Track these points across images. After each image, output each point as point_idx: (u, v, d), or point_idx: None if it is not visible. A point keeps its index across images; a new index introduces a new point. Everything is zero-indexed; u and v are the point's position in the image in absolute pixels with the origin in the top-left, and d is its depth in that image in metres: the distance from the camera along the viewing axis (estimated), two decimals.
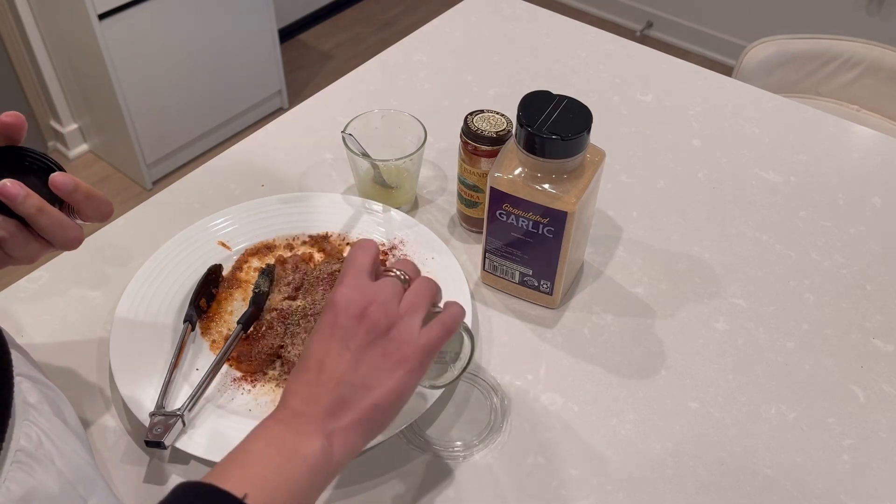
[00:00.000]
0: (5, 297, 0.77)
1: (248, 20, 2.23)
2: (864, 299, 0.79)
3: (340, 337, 0.50)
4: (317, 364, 0.50)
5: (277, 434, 0.48)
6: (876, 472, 0.66)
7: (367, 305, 0.51)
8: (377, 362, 0.50)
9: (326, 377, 0.49)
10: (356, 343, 0.50)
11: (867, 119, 1.45)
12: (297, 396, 0.50)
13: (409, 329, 0.51)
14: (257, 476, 0.45)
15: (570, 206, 0.68)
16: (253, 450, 0.48)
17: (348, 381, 0.49)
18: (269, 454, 0.47)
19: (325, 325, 0.51)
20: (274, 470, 0.46)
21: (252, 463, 0.46)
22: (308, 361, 0.51)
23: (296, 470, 0.46)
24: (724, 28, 2.67)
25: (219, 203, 0.87)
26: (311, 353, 0.51)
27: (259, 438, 0.48)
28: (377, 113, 0.87)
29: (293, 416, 0.49)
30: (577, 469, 0.65)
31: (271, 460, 0.46)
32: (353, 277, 0.53)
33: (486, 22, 1.18)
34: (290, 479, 0.46)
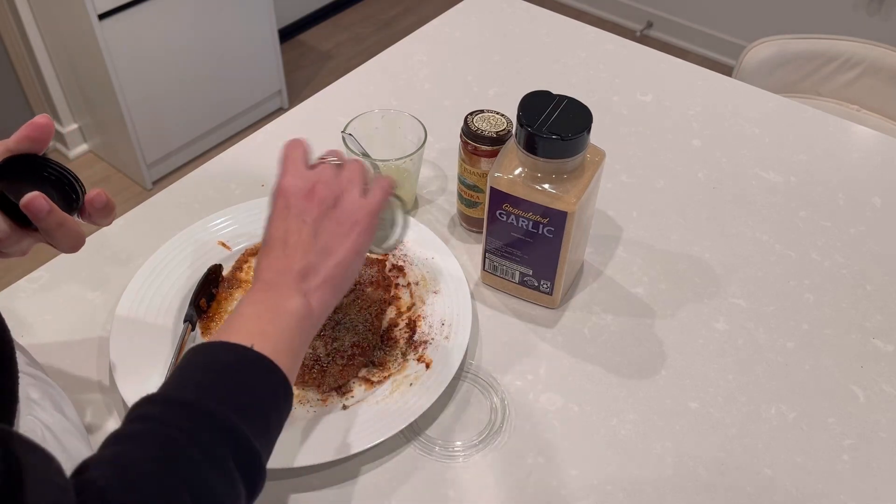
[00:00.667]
0: (5, 297, 0.77)
1: (248, 20, 2.23)
2: (864, 299, 0.79)
3: (296, 215, 0.57)
4: (280, 242, 0.57)
5: (262, 299, 0.54)
6: (876, 472, 0.66)
7: (313, 185, 0.58)
8: (333, 229, 0.57)
9: (292, 250, 0.56)
10: (311, 217, 0.57)
11: (867, 119, 1.45)
12: (269, 271, 0.56)
13: (353, 198, 0.59)
14: (255, 329, 0.52)
15: (570, 206, 0.68)
16: (245, 313, 0.54)
17: (312, 248, 0.56)
18: (260, 313, 0.53)
19: (280, 209, 0.58)
20: (268, 323, 0.53)
21: (246, 323, 0.53)
22: (272, 241, 0.57)
23: (286, 322, 0.53)
24: (724, 28, 2.67)
25: (219, 203, 0.87)
26: (273, 234, 0.57)
27: (247, 305, 0.54)
28: (377, 113, 0.87)
29: (271, 286, 0.55)
30: (577, 469, 0.65)
31: (263, 317, 0.53)
32: (293, 167, 0.60)
33: (486, 22, 1.18)
34: (283, 330, 0.53)
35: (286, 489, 0.63)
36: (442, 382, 0.68)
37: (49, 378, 0.60)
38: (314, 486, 0.64)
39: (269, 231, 0.58)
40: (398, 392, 0.68)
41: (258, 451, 0.47)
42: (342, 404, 0.68)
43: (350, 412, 0.67)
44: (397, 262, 0.80)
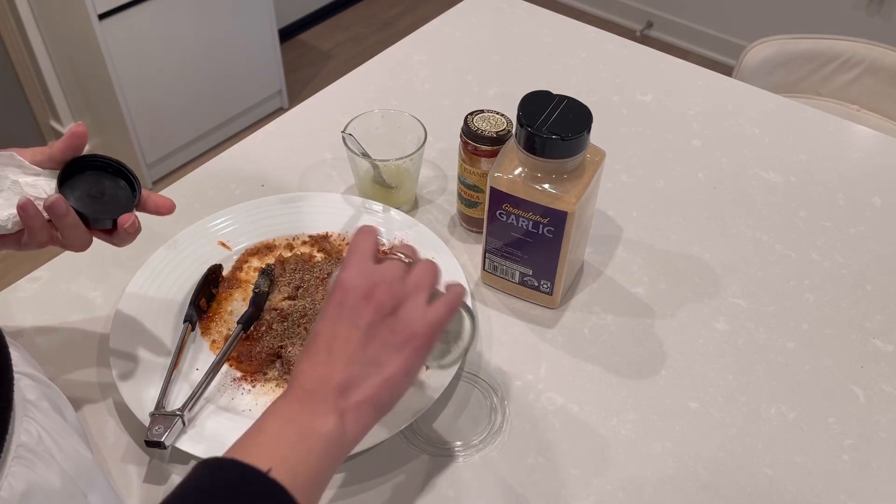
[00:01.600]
0: (5, 297, 0.77)
1: (248, 20, 2.23)
2: (864, 299, 0.79)
3: (349, 317, 0.51)
4: (326, 345, 0.51)
5: (292, 413, 0.49)
6: (876, 472, 0.66)
7: (373, 286, 0.52)
8: (386, 340, 0.51)
9: (336, 356, 0.50)
10: (365, 322, 0.51)
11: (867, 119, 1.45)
12: (308, 376, 0.50)
13: (415, 308, 0.52)
14: (276, 453, 0.46)
15: (570, 206, 0.68)
16: (269, 428, 0.48)
17: (358, 359, 0.50)
18: (286, 432, 0.47)
19: (333, 307, 0.52)
20: (291, 447, 0.46)
21: (269, 441, 0.47)
22: (317, 342, 0.51)
23: (312, 447, 0.47)
24: (724, 28, 2.66)
25: (219, 203, 0.87)
26: (320, 335, 0.52)
27: (274, 417, 0.49)
28: (377, 113, 0.86)
29: (306, 395, 0.49)
30: (577, 469, 0.65)
31: (288, 438, 0.47)
32: (358, 260, 0.54)
33: (486, 22, 1.18)
34: (307, 456, 0.47)
35: None
36: (442, 382, 0.68)
37: (47, 378, 0.60)
38: None
39: (317, 328, 0.52)
40: None
41: None
42: None
43: None
44: None
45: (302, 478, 0.45)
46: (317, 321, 0.53)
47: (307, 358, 0.51)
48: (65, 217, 0.57)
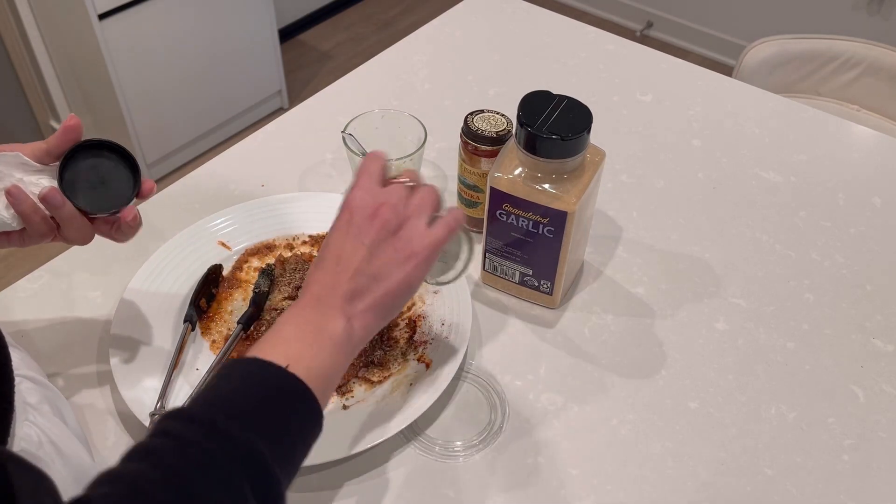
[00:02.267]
0: (5, 297, 0.77)
1: (248, 20, 2.23)
2: (864, 299, 0.79)
3: (355, 234, 0.55)
4: (334, 258, 0.55)
5: (305, 317, 0.53)
6: (876, 472, 0.66)
7: (378, 206, 0.56)
8: (389, 256, 0.55)
9: (343, 268, 0.55)
10: (370, 239, 0.55)
11: (867, 119, 1.45)
12: (318, 285, 0.55)
13: (417, 227, 0.56)
14: (292, 350, 0.50)
15: (570, 206, 0.68)
16: (284, 331, 0.52)
17: (364, 271, 0.54)
18: (300, 334, 0.52)
19: (341, 224, 0.56)
20: (306, 346, 0.51)
21: (286, 341, 0.52)
22: (326, 256, 0.56)
23: (324, 346, 0.52)
24: (724, 28, 2.67)
25: (219, 203, 0.87)
26: (329, 249, 0.56)
27: (289, 322, 0.53)
28: (377, 113, 0.86)
29: (317, 301, 0.54)
30: (577, 469, 0.65)
31: (302, 338, 0.52)
32: (366, 182, 0.58)
33: (486, 22, 1.18)
34: (320, 353, 0.51)
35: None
36: (442, 382, 0.68)
37: (48, 381, 0.60)
38: (314, 487, 0.64)
39: (327, 241, 0.57)
40: (398, 392, 0.68)
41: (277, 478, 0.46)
42: (342, 404, 0.68)
43: (350, 412, 0.67)
44: None
45: (315, 372, 0.50)
46: (327, 235, 0.57)
47: (318, 269, 0.56)
48: (61, 208, 0.57)
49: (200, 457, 0.43)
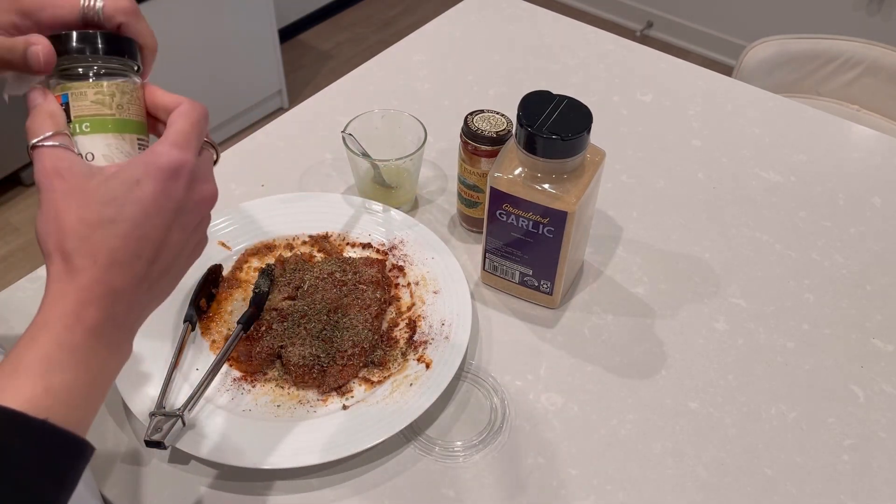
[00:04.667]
0: (5, 297, 0.77)
1: (248, 20, 2.23)
2: (864, 299, 0.79)
3: (179, 224, 0.46)
4: (152, 254, 0.45)
5: (87, 351, 0.43)
6: (876, 472, 0.66)
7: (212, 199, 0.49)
8: (191, 252, 0.49)
9: (159, 272, 0.46)
10: (190, 236, 0.48)
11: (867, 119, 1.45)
12: (119, 296, 0.44)
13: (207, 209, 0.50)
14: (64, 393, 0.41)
15: (570, 206, 0.68)
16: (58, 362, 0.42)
17: (173, 272, 0.48)
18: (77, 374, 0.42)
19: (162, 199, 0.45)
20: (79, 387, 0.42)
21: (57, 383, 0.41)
22: (141, 250, 0.44)
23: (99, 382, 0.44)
24: (724, 28, 2.67)
25: (219, 203, 0.86)
26: (146, 237, 0.44)
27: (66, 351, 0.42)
28: (377, 113, 0.86)
29: (109, 323, 0.43)
30: (577, 469, 0.65)
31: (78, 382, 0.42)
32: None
33: (486, 22, 1.18)
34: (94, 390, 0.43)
35: (286, 489, 0.63)
36: (442, 382, 0.68)
37: None
38: (314, 487, 0.64)
39: (132, 210, 0.43)
40: (398, 392, 0.68)
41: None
42: (342, 404, 0.68)
43: (350, 412, 0.67)
44: (397, 262, 0.80)
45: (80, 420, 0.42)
46: (133, 203, 0.44)
47: (120, 250, 0.43)
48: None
49: None
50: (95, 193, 0.43)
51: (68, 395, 0.41)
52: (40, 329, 0.42)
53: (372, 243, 0.82)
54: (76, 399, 0.41)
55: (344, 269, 0.76)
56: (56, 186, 0.43)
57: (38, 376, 0.40)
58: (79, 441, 0.41)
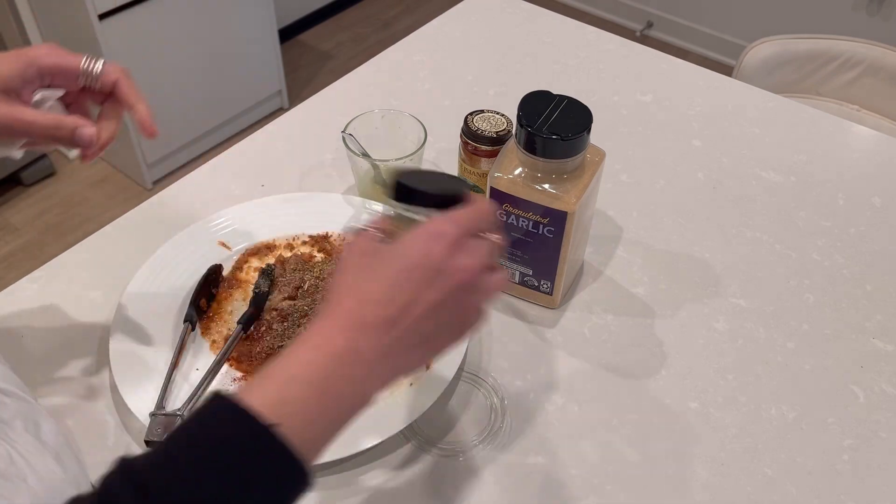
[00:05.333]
0: (5, 297, 0.77)
1: (248, 20, 2.23)
2: (864, 299, 0.79)
3: (435, 283, 0.47)
4: (405, 303, 0.46)
5: (329, 375, 0.45)
6: (876, 472, 0.66)
7: (473, 273, 0.49)
8: (450, 321, 0.49)
9: (407, 323, 0.47)
10: (442, 297, 0.48)
11: (867, 119, 1.45)
12: (367, 330, 0.46)
13: (482, 299, 0.51)
14: (297, 408, 0.43)
15: (570, 206, 0.68)
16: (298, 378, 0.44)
17: (421, 332, 0.47)
18: (313, 393, 0.44)
19: (422, 259, 0.48)
20: (313, 406, 0.44)
21: (293, 396, 0.44)
22: (394, 298, 0.46)
23: (334, 411, 0.45)
24: (724, 28, 2.67)
25: (219, 203, 0.87)
26: (401, 288, 0.47)
27: (310, 369, 0.45)
28: (377, 113, 0.86)
29: (352, 354, 0.45)
30: (577, 469, 0.65)
31: (313, 400, 0.44)
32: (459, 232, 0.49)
33: (486, 22, 1.18)
34: (326, 418, 0.45)
35: None
36: (442, 382, 0.68)
37: (27, 395, 0.59)
38: (314, 487, 0.63)
39: (395, 263, 0.48)
40: (398, 392, 0.68)
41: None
42: None
43: None
44: None
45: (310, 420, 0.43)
46: (397, 257, 0.48)
47: (373, 294, 0.47)
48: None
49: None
50: (377, 252, 0.49)
51: (301, 410, 0.43)
52: (294, 348, 0.46)
53: None
54: (307, 417, 0.43)
55: None
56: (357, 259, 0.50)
57: (279, 385, 0.43)
58: (299, 462, 0.41)
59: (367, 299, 0.47)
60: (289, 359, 0.45)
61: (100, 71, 0.59)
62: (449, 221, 0.49)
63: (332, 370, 0.44)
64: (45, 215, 2.15)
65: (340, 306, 0.47)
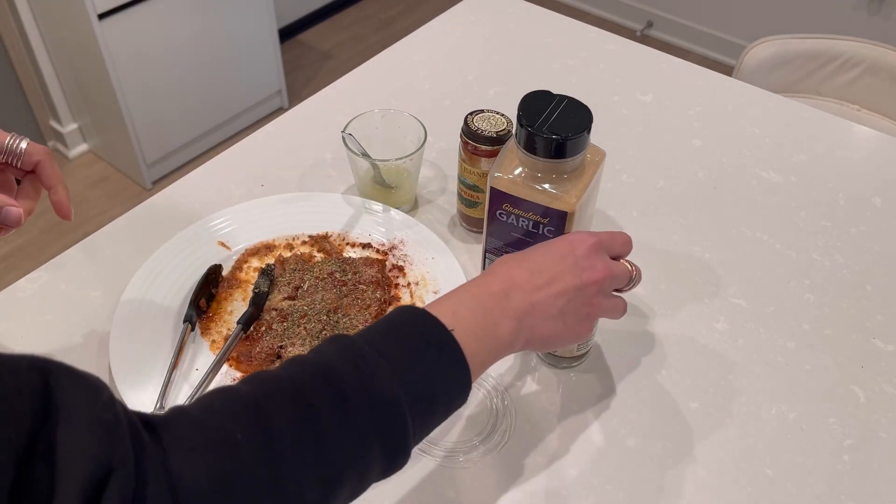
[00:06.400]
0: (5, 297, 0.77)
1: (248, 20, 2.23)
2: (864, 299, 0.79)
3: (572, 269, 0.58)
4: (549, 278, 0.57)
5: (486, 304, 0.54)
6: (876, 472, 0.66)
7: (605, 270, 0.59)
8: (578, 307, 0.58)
9: (543, 287, 0.56)
10: (580, 282, 0.57)
11: (868, 119, 1.45)
12: (514, 282, 0.56)
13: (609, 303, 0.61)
14: (461, 323, 0.52)
15: (570, 206, 0.68)
16: (461, 308, 0.53)
17: (556, 304, 0.57)
18: (474, 316, 0.53)
19: (565, 250, 0.59)
20: (474, 326, 0.53)
21: (458, 315, 0.52)
22: (538, 264, 0.57)
23: (488, 336, 0.53)
24: (724, 28, 2.67)
25: (219, 203, 0.87)
26: (544, 260, 0.58)
27: (468, 299, 0.55)
28: (377, 113, 0.86)
29: (504, 295, 0.55)
30: (576, 469, 0.65)
31: (473, 320, 0.53)
32: (605, 244, 0.61)
33: (486, 22, 1.18)
34: (483, 340, 0.53)
35: None
36: None
37: None
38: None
39: (545, 250, 0.59)
40: None
41: (408, 436, 0.47)
42: None
43: None
44: (397, 262, 0.80)
45: (472, 351, 0.51)
46: (548, 245, 0.59)
47: (521, 266, 0.57)
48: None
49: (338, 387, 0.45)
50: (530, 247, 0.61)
51: (467, 328, 0.52)
52: (455, 290, 0.56)
53: (372, 243, 0.82)
54: (472, 335, 0.52)
55: (344, 270, 0.76)
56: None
57: (450, 305, 0.54)
58: (467, 368, 0.51)
59: (520, 267, 0.57)
60: (453, 294, 0.55)
61: (23, 150, 0.60)
62: (592, 234, 0.60)
63: (488, 304, 0.54)
64: (45, 215, 2.15)
65: (497, 269, 0.57)
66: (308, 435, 0.43)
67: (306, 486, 0.43)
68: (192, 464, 0.39)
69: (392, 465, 0.48)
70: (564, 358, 0.71)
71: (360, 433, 0.45)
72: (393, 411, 0.46)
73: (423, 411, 0.48)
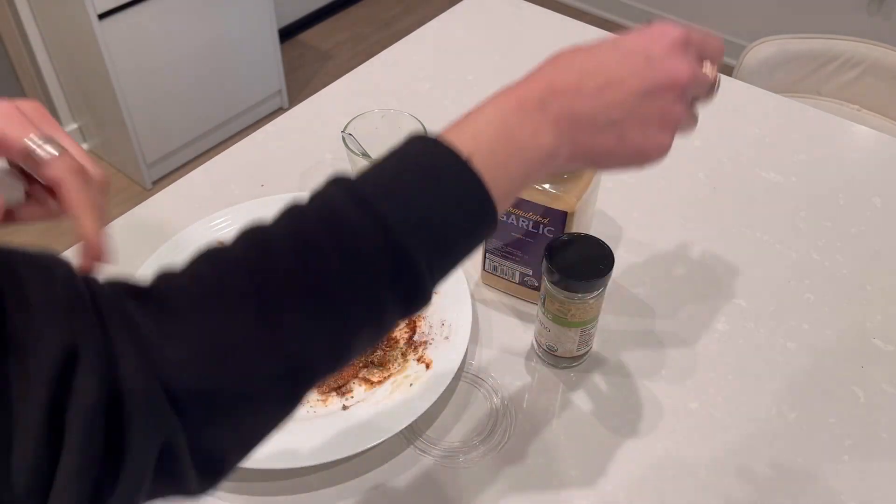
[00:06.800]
0: None
1: (248, 20, 2.23)
2: (865, 299, 0.79)
3: (641, 73, 0.47)
4: (604, 81, 0.46)
5: (512, 122, 0.46)
6: (876, 472, 0.66)
7: (690, 70, 0.48)
8: (646, 119, 0.47)
9: (600, 101, 0.46)
10: (652, 87, 0.47)
11: (868, 119, 1.45)
12: (558, 94, 0.47)
13: (686, 112, 0.50)
14: (482, 144, 0.44)
15: (571, 206, 0.68)
16: (480, 120, 0.46)
17: (610, 116, 0.47)
18: (501, 129, 0.45)
19: (638, 48, 0.48)
20: (500, 143, 0.45)
21: (482, 130, 0.45)
22: (597, 72, 0.47)
23: (518, 151, 0.45)
24: (724, 28, 2.67)
25: (219, 203, 0.87)
26: (607, 65, 0.47)
27: (498, 109, 0.47)
28: (377, 113, 0.86)
29: (540, 108, 0.46)
30: (577, 469, 0.65)
31: (499, 141, 0.45)
32: (690, 41, 0.50)
33: (486, 22, 1.18)
34: (513, 156, 0.45)
35: (286, 489, 0.63)
36: (442, 383, 0.68)
37: None
38: (314, 486, 0.64)
39: (614, 43, 0.48)
40: (398, 392, 0.68)
41: (423, 275, 0.41)
42: (342, 404, 0.67)
43: (350, 412, 0.67)
44: None
45: (497, 172, 0.44)
46: (621, 38, 0.48)
47: (577, 62, 0.48)
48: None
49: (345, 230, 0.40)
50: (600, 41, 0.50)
51: (489, 149, 0.44)
52: (495, 95, 0.47)
53: None
54: (494, 158, 0.44)
55: None
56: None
57: (470, 123, 0.45)
58: (488, 194, 0.43)
59: (570, 67, 0.48)
60: (485, 106, 0.47)
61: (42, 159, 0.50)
62: (679, 27, 0.48)
63: (517, 117, 0.45)
64: None
65: (543, 68, 0.49)
66: (308, 289, 0.39)
67: (310, 343, 0.39)
68: (179, 329, 0.36)
69: (410, 306, 0.42)
70: (564, 358, 0.71)
71: (365, 279, 0.40)
72: (400, 254, 0.40)
73: (439, 249, 0.42)
